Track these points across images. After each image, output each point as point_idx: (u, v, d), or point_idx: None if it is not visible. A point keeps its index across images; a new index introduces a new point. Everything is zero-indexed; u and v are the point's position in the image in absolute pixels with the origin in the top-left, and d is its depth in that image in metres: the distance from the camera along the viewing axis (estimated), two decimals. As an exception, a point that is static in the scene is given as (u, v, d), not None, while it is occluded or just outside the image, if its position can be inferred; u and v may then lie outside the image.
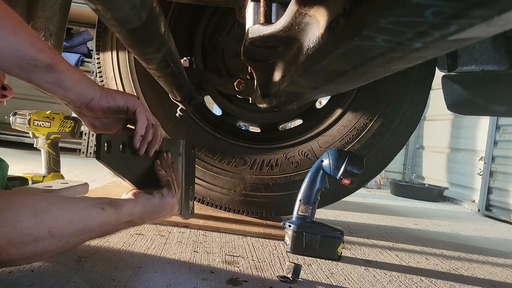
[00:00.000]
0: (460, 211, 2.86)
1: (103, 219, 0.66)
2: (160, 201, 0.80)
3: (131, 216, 0.73)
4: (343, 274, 1.03)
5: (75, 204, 0.63)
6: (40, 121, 1.58)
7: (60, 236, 0.59)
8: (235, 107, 1.66)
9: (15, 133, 3.10)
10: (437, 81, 1.34)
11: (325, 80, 0.65)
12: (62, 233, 0.59)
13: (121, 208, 0.70)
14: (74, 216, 0.61)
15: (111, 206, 0.68)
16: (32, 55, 0.62)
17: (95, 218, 0.65)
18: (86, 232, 0.64)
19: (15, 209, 0.54)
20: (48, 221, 0.57)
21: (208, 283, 0.84)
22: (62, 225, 0.59)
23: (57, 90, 0.68)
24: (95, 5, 0.41)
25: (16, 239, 0.53)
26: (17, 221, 0.53)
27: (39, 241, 0.56)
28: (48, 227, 0.57)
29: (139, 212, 0.75)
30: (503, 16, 0.27)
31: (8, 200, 0.55)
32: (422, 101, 1.44)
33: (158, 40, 0.68)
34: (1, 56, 0.60)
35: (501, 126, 2.85)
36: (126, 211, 0.72)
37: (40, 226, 0.55)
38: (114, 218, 0.69)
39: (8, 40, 0.60)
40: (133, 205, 0.74)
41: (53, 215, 0.58)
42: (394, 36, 0.35)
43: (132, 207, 0.74)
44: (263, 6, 0.73)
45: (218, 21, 1.58)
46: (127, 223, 0.73)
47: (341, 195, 1.48)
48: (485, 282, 1.13)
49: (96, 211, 0.65)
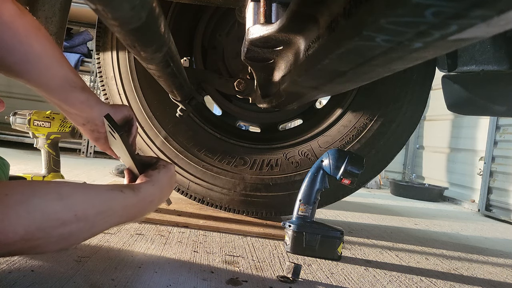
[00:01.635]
0: (460, 211, 2.86)
1: (124, 201, 0.67)
2: (169, 172, 0.80)
3: (152, 196, 0.74)
4: (343, 274, 1.03)
5: (94, 189, 0.63)
6: (40, 121, 1.58)
7: (86, 219, 0.60)
8: (235, 107, 1.66)
9: (15, 133, 3.10)
10: (437, 81, 1.34)
11: (325, 80, 0.65)
12: (87, 215, 0.60)
13: (139, 189, 0.70)
14: (96, 199, 0.62)
15: (129, 188, 0.69)
16: (73, 78, 0.74)
17: (117, 200, 0.65)
18: (111, 214, 0.64)
19: (40, 195, 0.54)
20: (73, 204, 0.57)
21: (208, 283, 0.84)
22: (86, 208, 0.59)
23: (86, 108, 0.78)
24: (95, 5, 0.41)
25: (45, 223, 0.54)
26: (45, 206, 0.54)
27: (67, 225, 0.57)
28: (74, 210, 0.57)
29: (159, 190, 0.76)
30: (503, 16, 0.27)
31: (32, 187, 0.56)
32: (422, 101, 1.44)
33: (158, 40, 0.68)
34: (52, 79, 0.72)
35: (501, 126, 2.85)
36: (145, 191, 0.72)
37: (66, 209, 0.56)
38: (136, 200, 0.69)
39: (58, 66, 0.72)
40: (150, 185, 0.74)
41: (76, 199, 0.58)
42: (394, 36, 0.35)
43: (150, 187, 0.74)
44: (263, 6, 0.73)
45: (218, 21, 1.58)
46: (151, 203, 0.74)
47: (341, 195, 1.48)
48: (485, 282, 1.13)
49: (116, 194, 0.65)
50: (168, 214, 1.39)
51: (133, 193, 0.69)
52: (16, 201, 0.51)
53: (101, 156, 3.44)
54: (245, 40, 0.75)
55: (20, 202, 0.52)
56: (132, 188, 0.70)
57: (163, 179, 0.78)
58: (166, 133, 1.46)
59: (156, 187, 0.75)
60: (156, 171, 0.77)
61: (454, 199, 3.29)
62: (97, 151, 3.44)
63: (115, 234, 1.12)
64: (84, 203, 0.60)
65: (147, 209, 0.74)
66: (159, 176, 0.77)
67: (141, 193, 0.71)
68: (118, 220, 0.67)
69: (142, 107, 1.47)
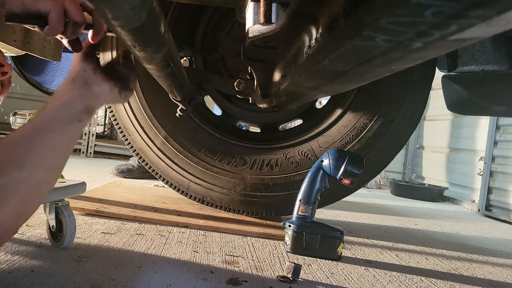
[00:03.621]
0: (460, 211, 2.86)
1: (80, 129, 0.63)
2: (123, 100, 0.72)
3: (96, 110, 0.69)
4: (343, 274, 1.03)
5: (51, 131, 0.58)
6: (40, 121, 1.57)
7: (56, 166, 0.58)
8: (235, 107, 1.66)
9: (15, 133, 3.10)
10: (437, 81, 1.34)
11: (325, 80, 0.65)
12: (56, 162, 0.58)
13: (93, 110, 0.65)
14: (56, 144, 0.58)
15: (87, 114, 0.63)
16: None
17: (74, 133, 0.61)
18: (72, 146, 0.62)
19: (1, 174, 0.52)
20: (36, 164, 0.55)
21: (208, 283, 0.84)
22: (51, 158, 0.57)
23: None
24: (95, 5, 0.41)
25: (25, 195, 0.53)
26: (11, 183, 0.52)
27: (43, 181, 0.56)
28: (41, 167, 0.55)
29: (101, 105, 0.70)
30: (503, 16, 0.27)
31: None
32: (422, 101, 1.44)
33: (158, 40, 0.68)
34: None
35: (501, 126, 2.85)
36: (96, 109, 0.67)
37: (33, 172, 0.54)
38: (87, 122, 0.66)
39: None
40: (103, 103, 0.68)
41: (38, 156, 0.55)
42: (394, 36, 0.35)
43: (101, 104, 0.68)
44: (263, 6, 0.73)
45: (218, 21, 1.58)
46: None
47: (341, 195, 1.48)
48: (485, 282, 1.13)
49: (73, 127, 0.61)
50: (168, 214, 1.39)
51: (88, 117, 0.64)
52: None
53: (101, 156, 3.44)
54: (245, 40, 0.75)
55: None
56: (89, 112, 0.63)
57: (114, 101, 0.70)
58: (166, 133, 1.46)
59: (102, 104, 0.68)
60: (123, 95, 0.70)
61: (454, 199, 3.29)
62: (97, 151, 3.44)
63: (115, 234, 1.12)
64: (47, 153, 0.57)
65: None
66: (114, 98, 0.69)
67: (93, 113, 0.66)
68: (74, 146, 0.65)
69: (142, 107, 1.47)
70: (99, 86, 0.66)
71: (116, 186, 1.88)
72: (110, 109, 1.53)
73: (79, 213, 1.28)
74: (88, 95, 0.65)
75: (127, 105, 1.48)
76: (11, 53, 1.08)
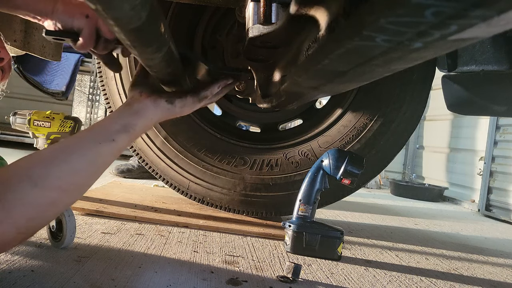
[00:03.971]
0: (460, 211, 2.86)
1: (114, 151, 0.61)
2: (180, 110, 0.73)
3: (144, 130, 0.68)
4: (343, 274, 1.03)
5: (77, 151, 0.58)
6: (40, 121, 1.57)
7: (75, 186, 0.56)
8: (235, 107, 1.66)
9: (15, 133, 3.10)
10: (437, 81, 1.34)
11: (325, 80, 0.65)
12: (75, 183, 0.56)
13: (135, 129, 0.64)
14: (79, 165, 0.57)
15: (123, 132, 0.63)
16: None
17: (106, 153, 0.60)
18: (101, 168, 0.60)
19: (13, 188, 0.51)
20: (51, 183, 0.53)
21: (208, 283, 0.84)
22: (69, 178, 0.55)
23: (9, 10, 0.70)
24: (95, 5, 0.41)
25: (32, 213, 0.52)
26: (21, 199, 0.51)
27: (56, 201, 0.54)
28: (56, 187, 0.54)
29: (153, 123, 0.69)
30: (503, 16, 0.27)
31: (3, 182, 0.52)
32: (422, 101, 1.44)
33: (158, 40, 0.68)
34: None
35: (501, 126, 2.85)
36: (140, 128, 0.66)
37: (47, 191, 0.53)
38: (128, 141, 0.64)
39: None
40: (149, 119, 0.67)
41: (54, 176, 0.54)
42: (394, 36, 0.35)
43: (148, 122, 0.67)
44: (263, 6, 0.73)
45: (218, 21, 1.58)
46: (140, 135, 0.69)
47: (341, 195, 1.48)
48: (485, 282, 1.13)
49: (105, 147, 0.60)
50: (168, 214, 1.39)
51: (127, 135, 0.63)
52: None
53: (101, 156, 3.43)
54: (245, 40, 0.75)
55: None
56: (127, 130, 0.63)
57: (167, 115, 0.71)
58: (166, 133, 1.46)
59: (154, 120, 0.69)
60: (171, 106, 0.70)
61: (454, 199, 3.29)
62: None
63: (115, 234, 1.12)
64: (65, 175, 0.55)
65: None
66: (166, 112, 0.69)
67: (136, 131, 0.65)
68: (109, 165, 0.63)
69: (142, 107, 1.46)
70: (140, 103, 0.67)
71: (116, 186, 1.88)
72: (110, 109, 1.53)
73: (79, 213, 1.29)
74: (127, 113, 0.66)
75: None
76: (11, 53, 1.08)
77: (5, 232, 0.50)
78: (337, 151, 1.19)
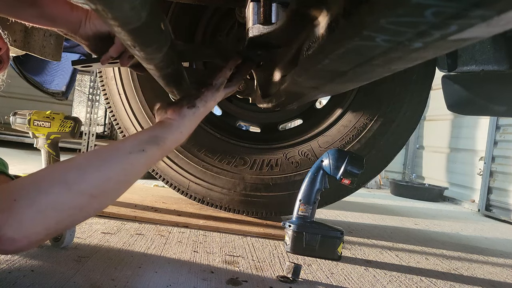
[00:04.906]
0: (460, 211, 2.86)
1: (146, 161, 0.62)
2: (205, 109, 0.73)
3: (177, 142, 0.69)
4: (343, 274, 1.03)
5: (109, 160, 0.59)
6: (40, 121, 1.57)
7: (105, 194, 0.58)
8: (235, 107, 1.66)
9: (15, 133, 3.10)
10: (437, 81, 1.34)
11: (325, 80, 0.65)
12: (106, 190, 0.58)
13: (165, 142, 0.65)
14: (111, 172, 0.58)
15: (152, 144, 0.63)
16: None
17: (136, 164, 0.61)
18: (132, 178, 0.62)
19: (46, 190, 0.52)
20: (85, 188, 0.55)
21: (208, 283, 0.84)
22: (101, 185, 0.57)
23: (45, 23, 0.74)
24: (95, 5, 0.41)
25: (62, 216, 0.53)
26: (53, 201, 0.52)
27: (86, 207, 0.55)
28: (88, 193, 0.55)
29: (186, 134, 0.70)
30: (503, 16, 0.27)
31: (36, 183, 0.53)
32: (422, 101, 1.43)
33: (158, 40, 0.68)
34: None
35: (501, 126, 2.85)
36: (171, 141, 0.67)
37: (78, 195, 0.54)
38: (160, 154, 0.65)
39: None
40: (179, 131, 0.68)
41: (88, 181, 0.55)
42: (394, 36, 0.35)
43: (178, 134, 0.68)
44: (263, 6, 0.72)
45: (218, 21, 1.58)
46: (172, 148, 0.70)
47: (341, 195, 1.48)
48: (485, 282, 1.13)
49: (135, 157, 0.61)
50: (168, 214, 1.39)
51: (157, 148, 0.64)
52: (25, 205, 0.50)
53: (101, 156, 3.43)
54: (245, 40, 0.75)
55: (29, 205, 0.51)
56: (157, 142, 0.64)
57: (196, 119, 0.72)
58: (166, 133, 1.46)
59: (185, 132, 0.70)
60: (195, 109, 0.71)
61: (454, 199, 3.29)
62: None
63: (115, 234, 1.12)
64: (98, 181, 0.56)
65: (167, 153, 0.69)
66: (193, 117, 0.70)
67: (166, 144, 0.66)
68: (141, 176, 0.64)
69: (142, 107, 1.47)
70: (167, 119, 0.69)
71: (116, 186, 1.88)
72: (110, 109, 1.53)
73: (79, 213, 1.28)
74: (157, 128, 0.68)
75: (127, 105, 1.48)
76: (11, 53, 1.08)
77: (36, 233, 0.51)
78: (337, 151, 1.19)
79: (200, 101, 0.73)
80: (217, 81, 0.76)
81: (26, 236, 0.50)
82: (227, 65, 0.78)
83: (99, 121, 3.97)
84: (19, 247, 0.51)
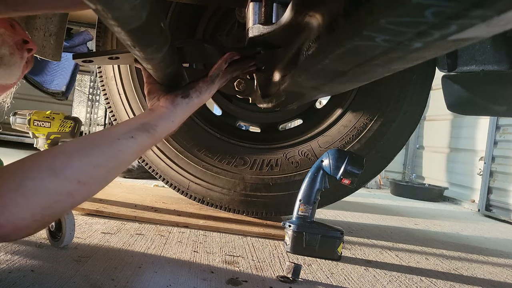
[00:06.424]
0: (460, 211, 2.86)
1: (136, 148, 0.62)
2: (199, 100, 0.72)
3: (168, 131, 0.68)
4: (343, 274, 1.03)
5: (97, 146, 0.58)
6: (40, 121, 1.57)
7: (93, 180, 0.57)
8: (235, 107, 1.66)
9: (15, 133, 3.10)
10: (437, 81, 1.34)
11: (325, 80, 0.65)
12: (94, 177, 0.57)
13: (155, 129, 0.65)
14: (99, 158, 0.57)
15: (143, 131, 0.63)
16: None
17: (126, 151, 0.60)
18: (121, 165, 0.61)
19: (32, 175, 0.52)
20: (71, 174, 0.54)
21: (208, 283, 0.84)
22: (89, 171, 0.56)
23: None
24: (95, 5, 0.41)
25: (48, 202, 0.52)
26: (39, 186, 0.51)
27: (73, 193, 0.55)
28: (75, 180, 0.54)
29: (177, 123, 0.70)
30: (503, 16, 0.28)
31: (23, 168, 0.53)
32: (422, 101, 1.43)
33: (158, 40, 0.68)
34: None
35: (501, 126, 2.85)
36: (162, 129, 0.66)
37: (66, 181, 0.53)
38: (150, 141, 0.64)
39: None
40: (170, 120, 0.67)
41: (75, 167, 0.55)
42: (394, 36, 0.35)
43: (169, 123, 0.67)
44: (264, 6, 0.73)
45: (218, 21, 1.58)
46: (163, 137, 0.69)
47: (341, 195, 1.48)
48: (485, 282, 1.13)
49: (124, 144, 0.60)
50: (168, 214, 1.39)
51: (147, 135, 0.63)
52: (9, 189, 0.50)
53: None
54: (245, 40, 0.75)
55: (13, 190, 0.50)
56: (147, 129, 0.64)
57: (189, 110, 0.71)
58: (166, 133, 1.46)
59: (176, 120, 0.69)
60: (189, 99, 0.70)
61: (454, 199, 3.29)
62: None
63: (115, 234, 1.12)
64: (86, 167, 0.56)
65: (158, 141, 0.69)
66: (186, 107, 0.70)
67: (157, 132, 0.65)
68: (130, 163, 0.63)
69: (142, 107, 1.47)
70: (160, 106, 0.69)
71: (116, 186, 1.88)
72: (110, 109, 1.53)
73: (79, 213, 1.29)
74: (147, 114, 0.67)
75: (127, 105, 1.48)
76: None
77: (22, 218, 0.50)
78: (337, 151, 1.19)
79: (194, 92, 0.72)
80: (213, 74, 0.76)
81: (10, 222, 0.49)
82: (223, 58, 0.77)
83: (99, 121, 3.97)
84: (5, 232, 0.50)
